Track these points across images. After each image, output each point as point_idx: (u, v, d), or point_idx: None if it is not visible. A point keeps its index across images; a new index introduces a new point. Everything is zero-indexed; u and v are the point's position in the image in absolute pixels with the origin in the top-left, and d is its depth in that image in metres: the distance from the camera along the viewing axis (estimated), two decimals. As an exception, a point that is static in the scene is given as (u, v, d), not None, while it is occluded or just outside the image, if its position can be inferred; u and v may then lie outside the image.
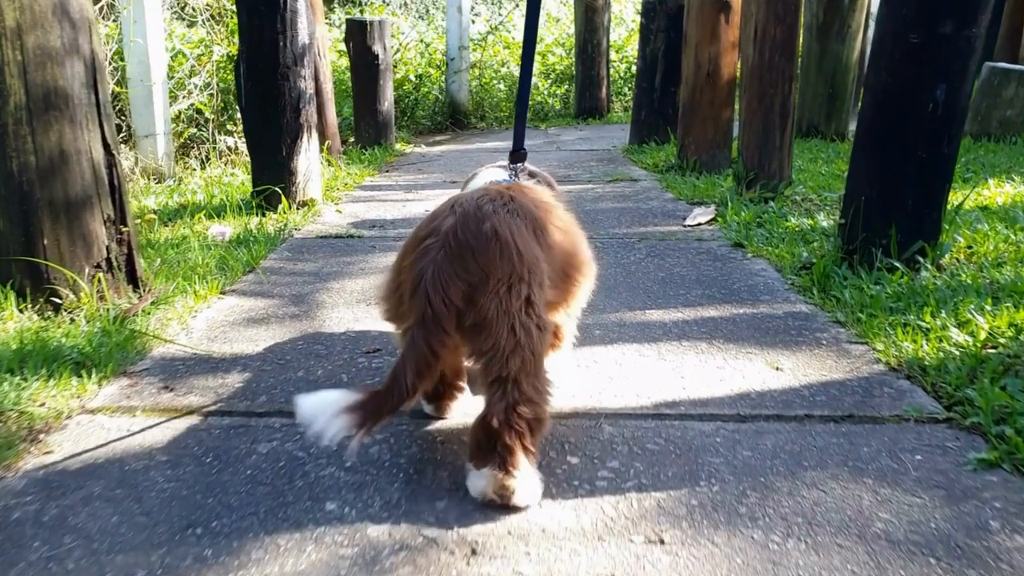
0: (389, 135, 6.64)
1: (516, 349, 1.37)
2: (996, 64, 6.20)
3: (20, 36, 2.19)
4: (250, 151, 4.10)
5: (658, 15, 5.92)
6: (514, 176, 1.87)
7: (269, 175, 3.96)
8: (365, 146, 6.43)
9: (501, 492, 1.39)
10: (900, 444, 1.62)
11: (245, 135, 4.16)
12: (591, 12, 8.72)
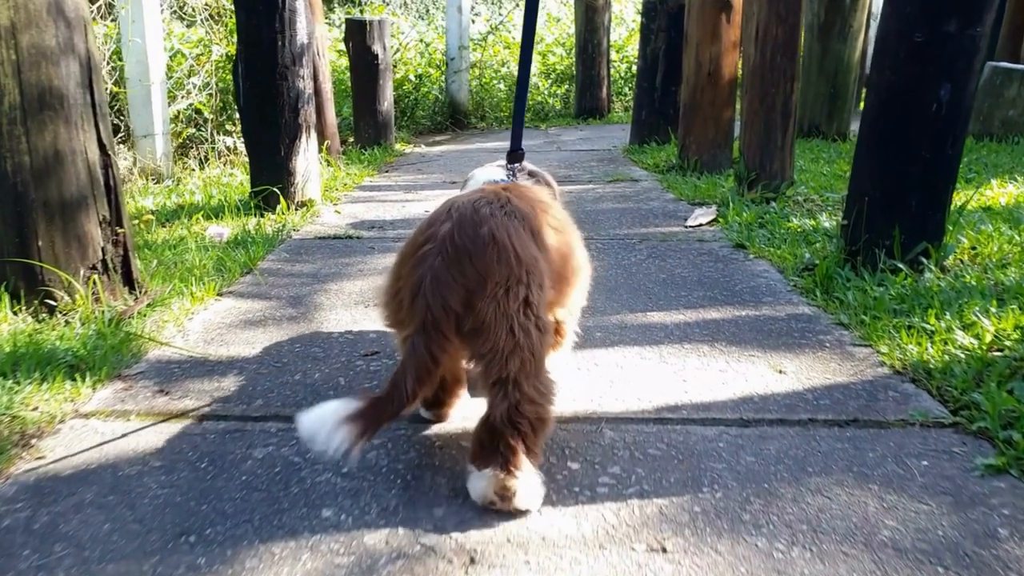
0: (389, 135, 6.61)
1: (515, 350, 1.36)
2: (998, 64, 6.17)
3: (14, 35, 2.16)
4: (248, 151, 4.08)
5: (659, 15, 5.90)
6: (512, 176, 1.85)
7: (268, 175, 3.94)
8: (364, 146, 6.40)
9: (502, 493, 1.36)
10: (906, 449, 1.60)
11: (243, 135, 4.14)
12: (591, 12, 8.69)
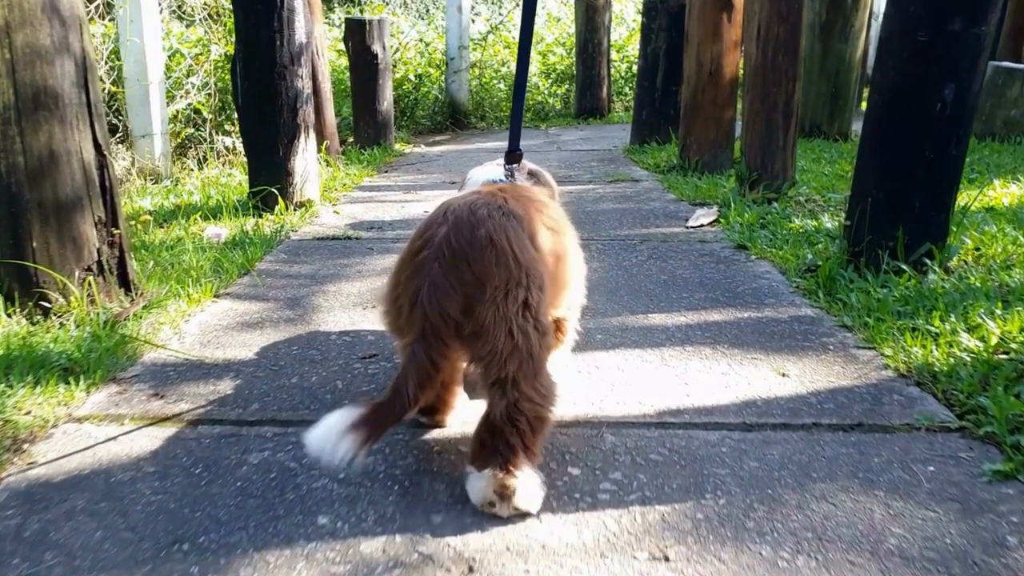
0: (388, 135, 6.58)
1: (514, 352, 1.35)
2: (1001, 63, 6.14)
3: (8, 34, 2.14)
4: (247, 151, 4.05)
5: (659, 14, 5.87)
6: (510, 177, 1.83)
7: (266, 176, 3.91)
8: (364, 146, 6.38)
9: (501, 492, 1.35)
10: (912, 454, 1.57)
11: (242, 135, 4.11)
12: (592, 11, 8.66)
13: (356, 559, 1.27)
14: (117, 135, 5.07)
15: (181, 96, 5.44)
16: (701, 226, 3.58)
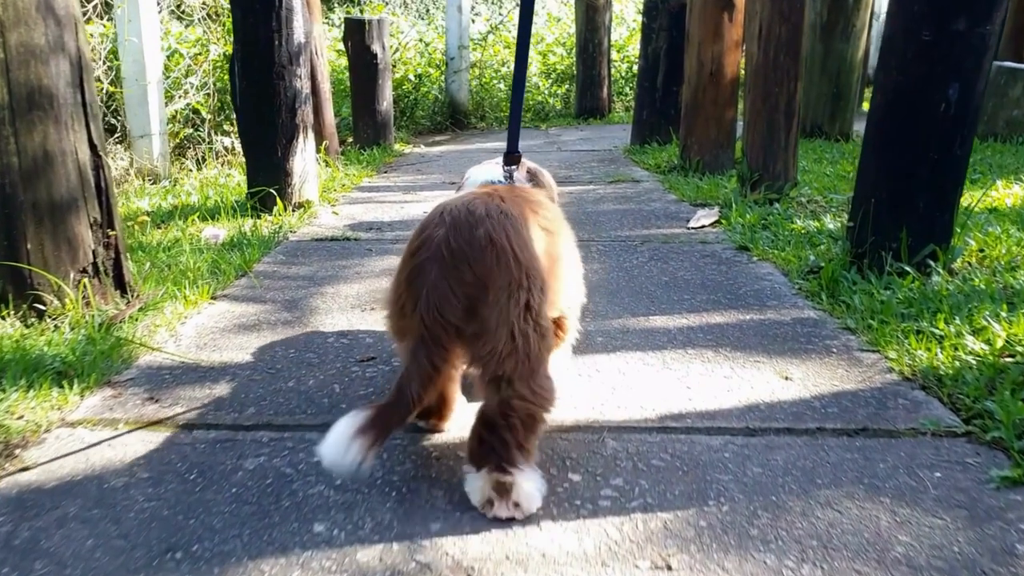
0: (388, 135, 6.56)
1: (513, 353, 1.35)
2: (1003, 63, 6.11)
3: (2, 33, 2.11)
4: (245, 152, 4.02)
5: (660, 14, 5.84)
6: (509, 178, 1.81)
7: (264, 176, 3.89)
8: (363, 146, 6.35)
9: (499, 489, 1.35)
10: (917, 460, 1.55)
11: (240, 135, 4.09)
12: (592, 11, 8.64)
13: (352, 568, 1.24)
14: (115, 135, 5.05)
15: (180, 96, 5.41)
16: (702, 227, 3.56)
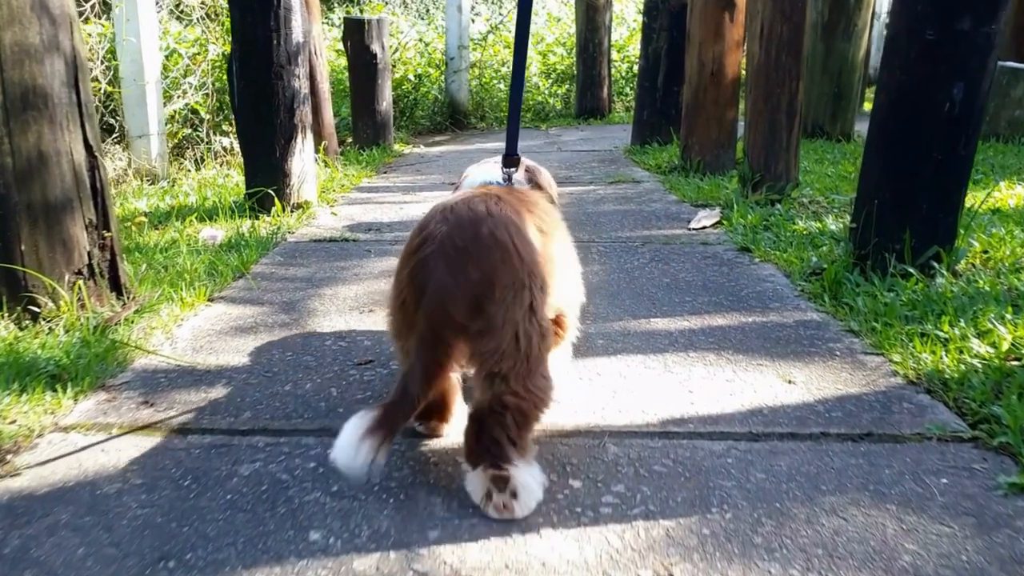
0: (387, 135, 6.53)
1: (514, 352, 1.35)
2: (1005, 63, 6.08)
3: (-4, 32, 2.09)
4: (243, 152, 4.00)
5: (661, 13, 5.82)
6: (507, 181, 1.79)
7: (263, 177, 3.86)
8: (363, 147, 6.32)
9: (499, 485, 1.35)
10: (923, 465, 1.52)
11: (238, 136, 4.06)
12: (592, 11, 8.61)
13: (349, 577, 1.22)
14: (113, 135, 5.03)
15: (178, 96, 5.39)
16: (703, 228, 3.53)
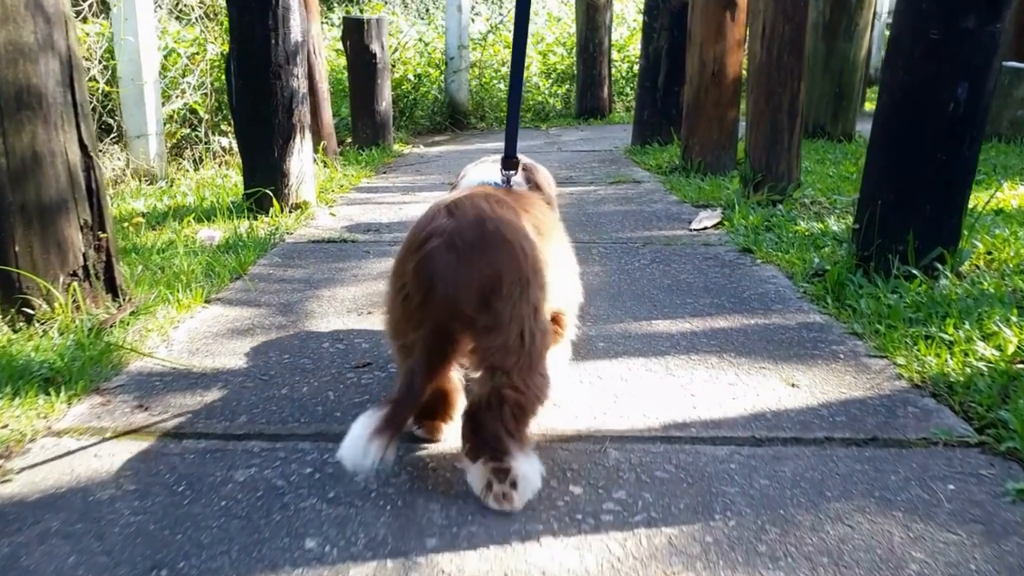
0: (387, 135, 6.51)
1: (518, 349, 1.37)
2: (1006, 63, 6.05)
3: (-10, 31, 2.06)
4: (241, 152, 3.97)
5: (661, 13, 5.79)
6: (506, 183, 1.77)
7: (261, 177, 3.83)
8: (362, 147, 6.30)
9: (499, 476, 1.35)
10: (930, 471, 1.50)
11: (236, 136, 4.04)
12: (593, 10, 8.58)
13: (345, 587, 1.20)
14: (111, 135, 5.00)
15: (177, 96, 5.36)
16: (705, 229, 3.51)
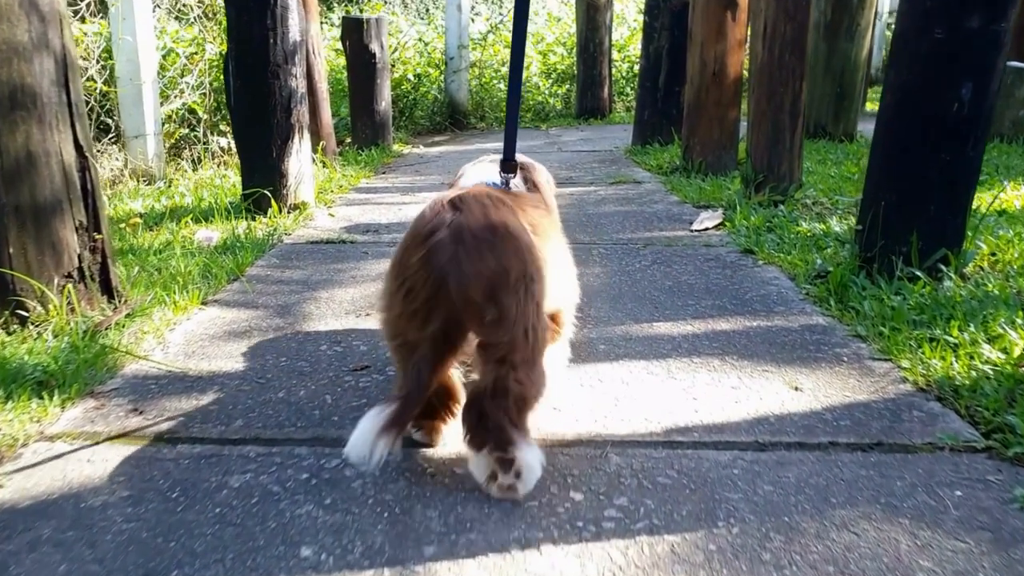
0: (386, 135, 6.48)
1: (523, 344, 1.37)
2: (1010, 63, 6.03)
3: (-17, 30, 2.04)
4: (239, 152, 3.94)
5: (662, 13, 5.77)
6: (505, 185, 1.75)
7: (259, 177, 3.81)
8: (362, 147, 6.27)
9: (503, 466, 1.36)
10: (936, 477, 1.47)
11: (234, 136, 4.02)
12: (593, 10, 8.56)
13: (341, 596, 1.17)
14: (109, 135, 4.98)
15: (175, 96, 5.34)
16: (706, 229, 3.48)
